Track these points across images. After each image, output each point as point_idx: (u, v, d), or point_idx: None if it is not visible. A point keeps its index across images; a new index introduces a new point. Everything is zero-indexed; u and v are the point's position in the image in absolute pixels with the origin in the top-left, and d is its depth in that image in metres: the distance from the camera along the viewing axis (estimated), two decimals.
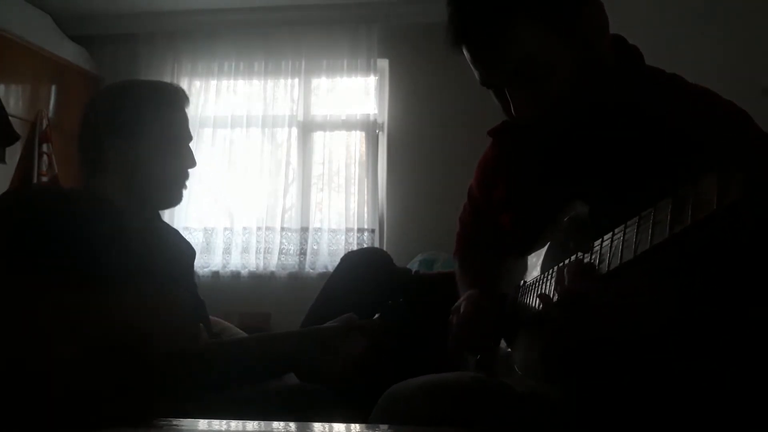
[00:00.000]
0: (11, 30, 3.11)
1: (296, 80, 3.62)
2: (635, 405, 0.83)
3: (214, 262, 3.52)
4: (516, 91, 0.91)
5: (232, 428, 0.85)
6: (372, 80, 3.54)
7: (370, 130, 3.54)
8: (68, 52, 3.51)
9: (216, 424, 0.86)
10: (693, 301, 0.77)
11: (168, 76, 3.60)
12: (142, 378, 0.92)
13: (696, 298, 0.76)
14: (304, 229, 3.51)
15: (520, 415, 0.91)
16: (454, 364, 1.16)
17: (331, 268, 2.58)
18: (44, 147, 3.20)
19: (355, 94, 3.61)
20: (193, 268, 1.34)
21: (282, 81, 3.66)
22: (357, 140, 3.59)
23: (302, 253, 3.50)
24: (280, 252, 3.51)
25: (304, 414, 1.00)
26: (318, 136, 3.64)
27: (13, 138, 3.06)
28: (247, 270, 3.51)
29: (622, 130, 0.91)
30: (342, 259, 2.14)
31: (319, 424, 0.88)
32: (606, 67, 0.93)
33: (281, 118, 3.62)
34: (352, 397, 1.11)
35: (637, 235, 0.67)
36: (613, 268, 0.72)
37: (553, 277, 0.87)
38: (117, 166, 1.16)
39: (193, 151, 1.26)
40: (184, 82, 3.64)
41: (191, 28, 3.67)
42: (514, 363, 0.98)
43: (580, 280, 0.76)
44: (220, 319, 1.72)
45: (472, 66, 0.94)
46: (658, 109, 0.90)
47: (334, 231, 3.51)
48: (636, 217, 0.68)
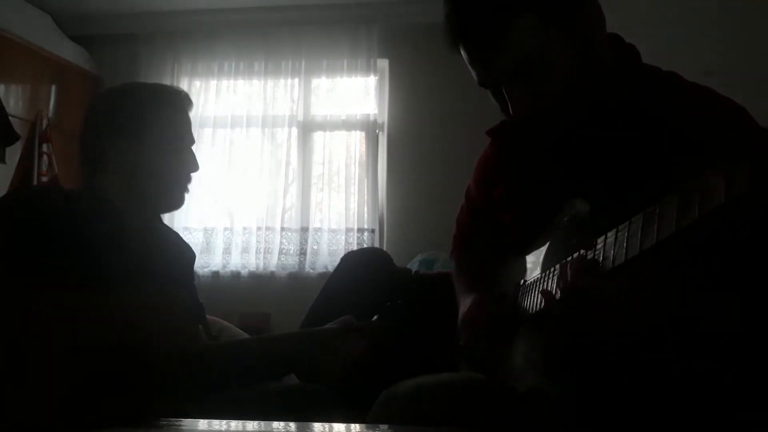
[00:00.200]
0: (11, 30, 3.11)
1: (296, 80, 3.62)
2: (636, 404, 0.83)
3: (214, 262, 3.52)
4: (514, 91, 0.90)
5: (232, 428, 0.85)
6: (372, 80, 3.54)
7: (370, 130, 3.54)
8: (68, 52, 3.51)
9: (216, 424, 0.86)
10: (695, 297, 0.77)
11: (168, 76, 3.60)
12: (142, 378, 0.92)
13: (698, 294, 0.76)
14: (304, 229, 3.51)
15: (520, 414, 0.91)
16: (453, 364, 1.16)
17: (331, 268, 2.58)
18: (44, 147, 3.20)
19: (355, 94, 3.61)
20: (192, 270, 1.34)
21: (282, 81, 3.66)
22: (357, 140, 3.59)
23: (302, 253, 3.50)
24: (280, 252, 3.51)
25: (304, 414, 1.00)
26: (318, 136, 3.63)
27: (13, 138, 3.06)
28: (247, 270, 3.50)
29: (622, 129, 0.91)
30: (342, 259, 2.14)
31: (319, 424, 0.88)
32: (604, 65, 0.93)
33: (281, 118, 3.62)
34: (352, 397, 1.10)
35: (642, 230, 0.67)
36: (618, 264, 0.72)
37: (556, 274, 0.87)
38: (117, 166, 1.16)
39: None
40: (184, 82, 3.64)
41: (191, 28, 3.67)
42: (514, 362, 0.98)
43: (584, 277, 0.76)
44: (219, 319, 1.73)
45: (469, 66, 0.94)
46: (658, 107, 0.90)
47: (334, 231, 3.50)
48: (640, 213, 0.68)
